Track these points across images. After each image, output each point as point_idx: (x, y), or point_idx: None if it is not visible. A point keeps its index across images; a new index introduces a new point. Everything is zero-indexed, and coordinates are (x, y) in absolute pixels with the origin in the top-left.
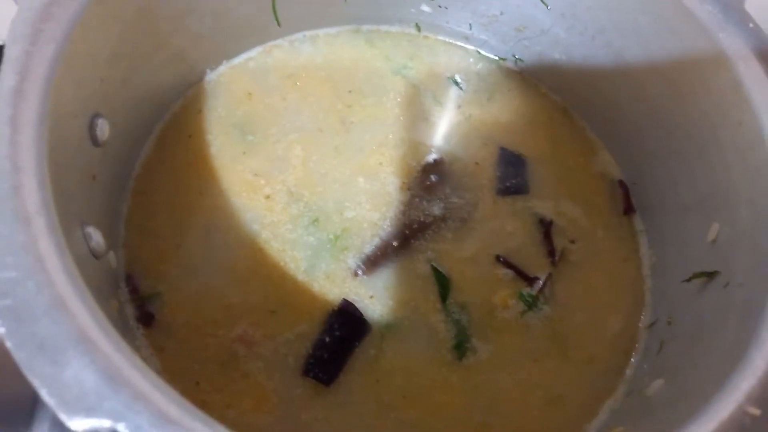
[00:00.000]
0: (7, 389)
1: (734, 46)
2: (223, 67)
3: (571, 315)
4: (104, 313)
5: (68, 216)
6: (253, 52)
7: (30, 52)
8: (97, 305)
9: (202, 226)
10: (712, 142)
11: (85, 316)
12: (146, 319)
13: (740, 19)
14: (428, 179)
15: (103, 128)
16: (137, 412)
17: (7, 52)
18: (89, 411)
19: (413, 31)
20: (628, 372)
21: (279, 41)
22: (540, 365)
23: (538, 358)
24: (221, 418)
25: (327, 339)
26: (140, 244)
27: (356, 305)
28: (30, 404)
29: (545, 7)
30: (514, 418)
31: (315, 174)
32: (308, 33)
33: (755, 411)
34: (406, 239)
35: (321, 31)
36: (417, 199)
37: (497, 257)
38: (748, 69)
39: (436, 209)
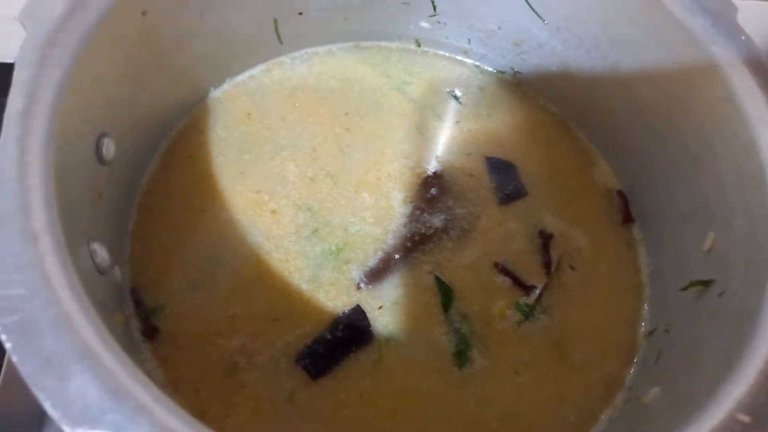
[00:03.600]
0: (18, 398)
1: (727, 58)
2: (227, 85)
3: (568, 324)
4: (108, 327)
5: (74, 233)
6: (256, 70)
7: (37, 75)
8: (102, 320)
9: (206, 241)
10: (706, 152)
11: (90, 331)
12: (150, 332)
13: (732, 31)
14: (429, 192)
15: (109, 147)
16: (139, 424)
17: (15, 76)
18: (92, 423)
19: (413, 46)
20: (627, 380)
21: (281, 58)
22: (538, 374)
23: (536, 368)
24: (219, 429)
25: (328, 336)
26: (145, 259)
27: None
28: (39, 413)
29: (541, 21)
30: (512, 428)
31: (319, 190)
32: (309, 50)
33: (745, 418)
34: (408, 251)
35: (321, 48)
36: (418, 212)
37: (495, 264)
38: (740, 81)
39: (437, 221)
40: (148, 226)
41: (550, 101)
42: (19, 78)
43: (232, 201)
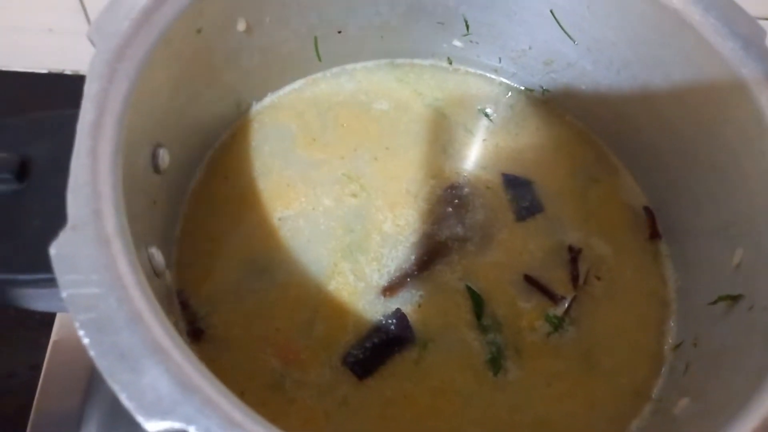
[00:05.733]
0: (56, 403)
1: (756, 79)
2: (268, 99)
3: (597, 336)
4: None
5: (136, 237)
6: (296, 85)
7: (107, 89)
8: (168, 320)
9: (246, 251)
10: (734, 170)
11: (158, 328)
12: (196, 334)
13: (761, 54)
14: (452, 205)
15: (164, 157)
16: (207, 416)
17: (86, 89)
18: (164, 414)
19: (445, 64)
20: (655, 392)
21: (319, 74)
22: (570, 384)
23: (567, 378)
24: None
25: (375, 340)
26: (190, 265)
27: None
28: (76, 420)
29: (572, 42)
30: None
31: (355, 202)
32: (347, 66)
33: None
34: (432, 260)
35: (358, 65)
36: (443, 223)
37: (525, 276)
38: None
39: (461, 231)
40: (192, 234)
41: (577, 118)
42: (90, 91)
43: (271, 212)
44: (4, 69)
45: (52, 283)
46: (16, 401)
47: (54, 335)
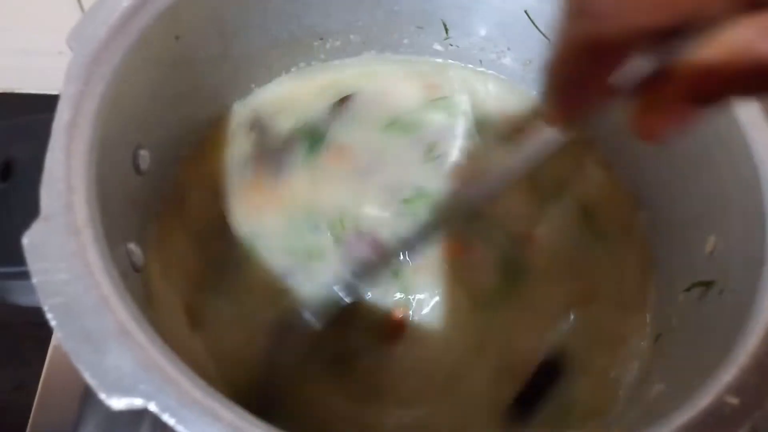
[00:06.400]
0: (54, 408)
1: None
2: (251, 98)
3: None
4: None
5: (113, 232)
6: (278, 83)
7: (83, 91)
8: (136, 307)
9: (227, 248)
10: (706, 159)
11: (124, 313)
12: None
13: None
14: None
15: (145, 158)
16: (167, 394)
17: (64, 90)
18: (125, 391)
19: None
20: (630, 380)
21: (302, 76)
22: None
23: None
24: None
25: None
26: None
27: None
28: (73, 425)
29: (548, 41)
30: None
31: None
32: (331, 66)
33: (734, 400)
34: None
35: (341, 63)
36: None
37: None
38: None
39: None
40: (171, 231)
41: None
42: (67, 92)
43: (253, 210)
44: (16, 91)
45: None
46: (24, 412)
47: (54, 339)
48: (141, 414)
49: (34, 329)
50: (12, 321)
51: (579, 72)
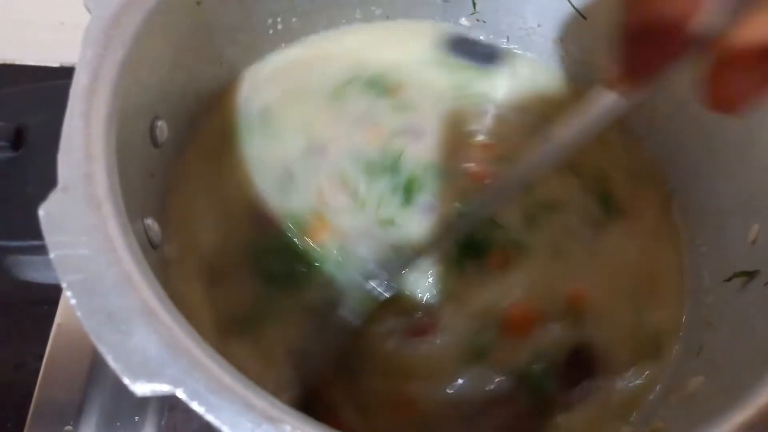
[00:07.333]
0: (57, 388)
1: None
2: (263, 65)
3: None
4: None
5: (130, 207)
6: (291, 50)
7: (102, 55)
8: (159, 285)
9: (242, 220)
10: (750, 146)
11: (148, 291)
12: None
13: None
14: None
15: (163, 130)
16: (195, 379)
17: (81, 54)
18: (151, 376)
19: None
20: (668, 371)
21: (314, 38)
22: None
23: None
24: None
25: None
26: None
27: None
28: (78, 402)
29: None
30: None
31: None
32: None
33: None
34: None
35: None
36: None
37: None
38: None
39: None
40: (185, 205)
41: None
42: (84, 56)
43: (267, 179)
44: (18, 63)
45: (44, 250)
46: (25, 390)
47: (58, 317)
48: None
49: (35, 307)
50: (13, 298)
51: (655, 18)
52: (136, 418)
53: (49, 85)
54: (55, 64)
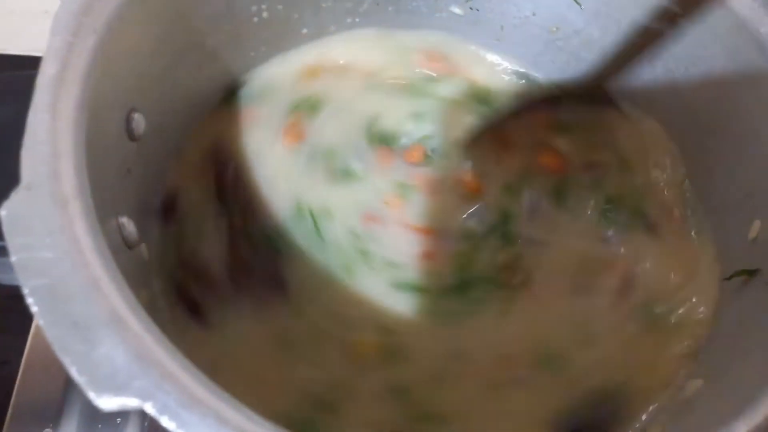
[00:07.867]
0: (37, 388)
1: None
2: (259, 68)
3: None
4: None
5: (103, 205)
6: (287, 54)
7: (72, 43)
8: (130, 290)
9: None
10: (752, 140)
11: (117, 297)
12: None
13: None
14: None
15: (139, 123)
16: (165, 392)
17: (49, 42)
18: (118, 389)
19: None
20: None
21: (310, 43)
22: None
23: None
24: None
25: None
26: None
27: None
28: (58, 403)
29: (579, 7)
30: None
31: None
32: (339, 35)
33: None
34: None
35: (352, 34)
36: None
37: None
38: None
39: None
40: (175, 206)
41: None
42: (53, 44)
43: (264, 181)
44: (2, 53)
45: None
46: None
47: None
48: None
49: (18, 302)
50: None
51: None
52: (119, 420)
53: (19, 74)
54: (40, 54)
